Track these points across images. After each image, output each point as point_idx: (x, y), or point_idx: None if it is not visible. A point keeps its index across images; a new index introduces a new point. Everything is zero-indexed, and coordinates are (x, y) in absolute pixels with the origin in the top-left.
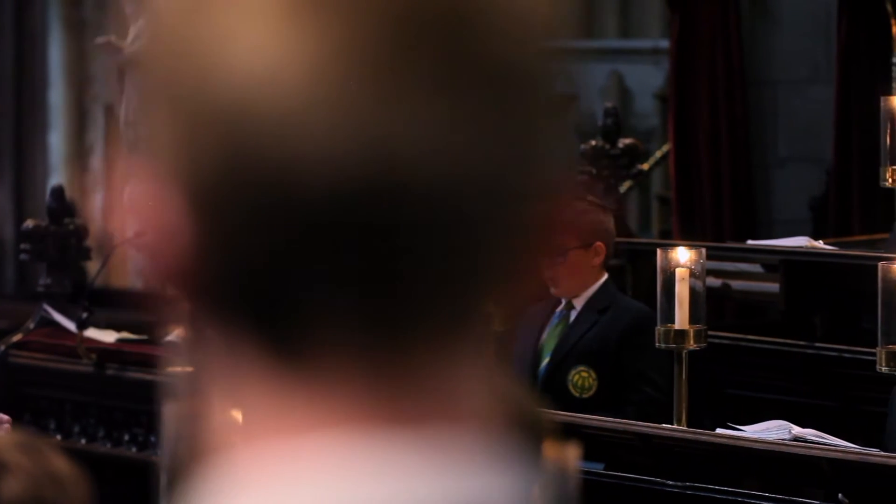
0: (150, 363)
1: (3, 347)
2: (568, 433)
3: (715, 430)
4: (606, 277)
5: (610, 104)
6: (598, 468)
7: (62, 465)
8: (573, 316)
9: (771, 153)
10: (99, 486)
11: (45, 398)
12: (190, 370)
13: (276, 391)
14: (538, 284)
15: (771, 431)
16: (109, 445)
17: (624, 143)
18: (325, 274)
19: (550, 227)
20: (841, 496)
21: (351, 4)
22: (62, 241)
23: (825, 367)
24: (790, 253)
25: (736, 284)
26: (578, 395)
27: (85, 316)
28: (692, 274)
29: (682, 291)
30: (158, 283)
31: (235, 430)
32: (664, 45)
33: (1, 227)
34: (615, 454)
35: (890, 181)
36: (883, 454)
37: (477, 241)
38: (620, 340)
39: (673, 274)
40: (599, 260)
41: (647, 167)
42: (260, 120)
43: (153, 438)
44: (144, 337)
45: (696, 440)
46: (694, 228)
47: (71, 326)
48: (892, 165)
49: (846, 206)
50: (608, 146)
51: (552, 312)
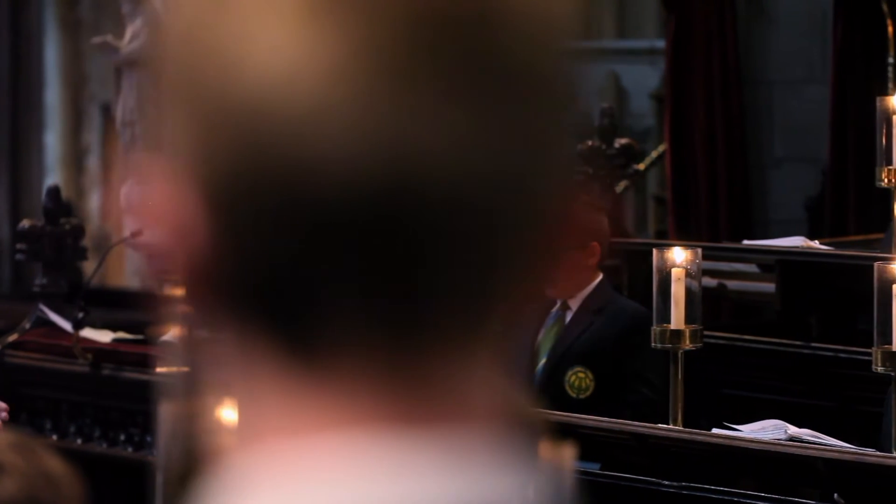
0: (145, 363)
1: None
2: (564, 433)
3: (711, 430)
4: (602, 278)
5: (606, 104)
6: (594, 468)
7: (56, 465)
8: (569, 317)
9: (767, 153)
10: (95, 486)
11: (41, 398)
12: (186, 370)
13: (289, 391)
14: (551, 284)
15: (767, 431)
16: (105, 445)
17: (620, 143)
18: (340, 274)
19: (565, 227)
20: (836, 496)
21: (370, 6)
22: (58, 241)
23: (821, 367)
24: (786, 253)
25: (732, 284)
26: (575, 395)
27: (81, 316)
28: (688, 274)
29: (677, 291)
30: (168, 281)
31: (248, 429)
32: (660, 45)
33: None
34: (611, 454)
35: (886, 181)
36: (878, 454)
37: (493, 241)
38: (616, 341)
39: (669, 274)
40: (595, 260)
41: (643, 167)
42: (277, 120)
43: (149, 438)
44: (140, 337)
45: (692, 440)
46: (690, 228)
47: (67, 326)
48: (887, 165)
49: (842, 206)
50: (604, 146)
51: (547, 313)
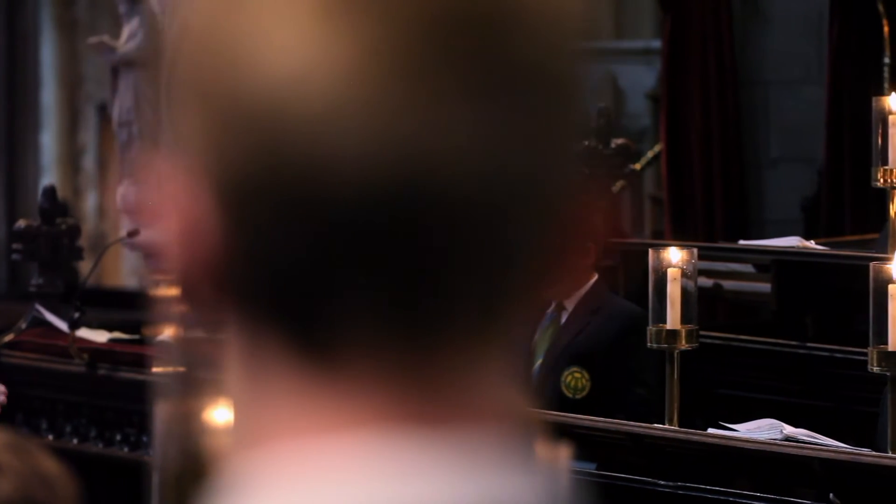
0: (142, 363)
1: None
2: (560, 433)
3: (707, 430)
4: (597, 278)
5: (602, 105)
6: (590, 468)
7: (51, 465)
8: (564, 317)
9: (763, 153)
10: (91, 486)
11: (37, 398)
12: (181, 370)
13: (300, 391)
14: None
15: (763, 430)
16: (101, 445)
17: (616, 143)
18: (353, 273)
19: (578, 227)
20: (832, 496)
21: (383, 6)
22: (54, 241)
23: (817, 367)
24: (782, 253)
25: (727, 284)
26: (572, 395)
27: (77, 316)
28: (684, 274)
29: (673, 291)
30: (164, 281)
31: (257, 429)
32: (656, 45)
33: None
34: (607, 454)
35: (881, 181)
36: (874, 454)
37: (507, 242)
38: (612, 341)
39: (665, 274)
40: (590, 261)
41: (639, 167)
42: (290, 119)
43: (145, 438)
44: (136, 337)
45: (687, 440)
46: (686, 228)
47: (63, 326)
48: (883, 166)
49: (838, 206)
50: (601, 146)
51: (542, 314)
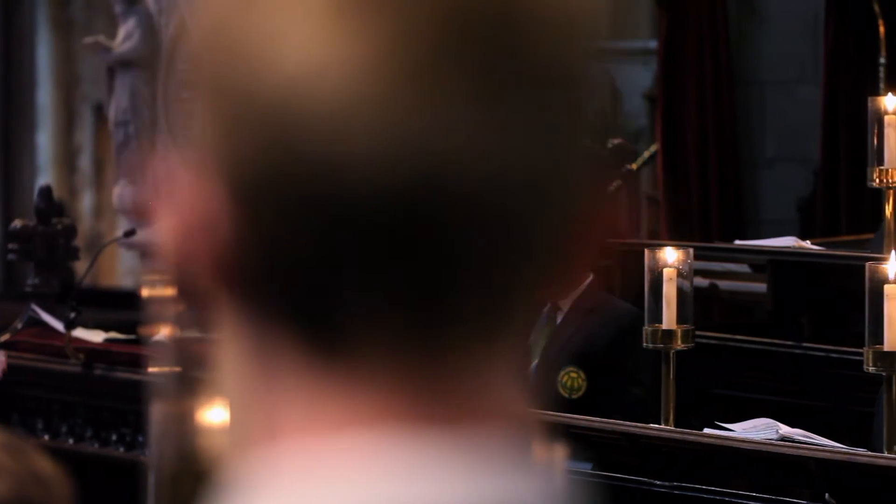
0: (137, 363)
1: None
2: (556, 433)
3: (702, 429)
4: (592, 278)
5: (599, 105)
6: (585, 468)
7: (46, 465)
8: (560, 317)
9: (758, 153)
10: (87, 486)
11: (32, 398)
12: (177, 370)
13: (310, 387)
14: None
15: (758, 430)
16: (97, 445)
17: (613, 143)
18: (364, 271)
19: (592, 227)
20: (828, 496)
21: (397, 5)
22: (50, 241)
23: (812, 367)
24: (777, 253)
25: (723, 284)
26: (568, 395)
27: (73, 316)
28: (680, 274)
29: (669, 291)
30: (161, 281)
31: (266, 426)
32: (653, 45)
33: None
34: (603, 454)
35: (877, 181)
36: (870, 454)
37: (519, 241)
38: (608, 341)
39: (661, 274)
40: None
41: (635, 167)
42: (304, 117)
43: (141, 438)
44: (132, 337)
45: (683, 440)
46: (682, 228)
47: (59, 326)
48: (879, 166)
49: (833, 206)
50: (597, 146)
51: (538, 314)
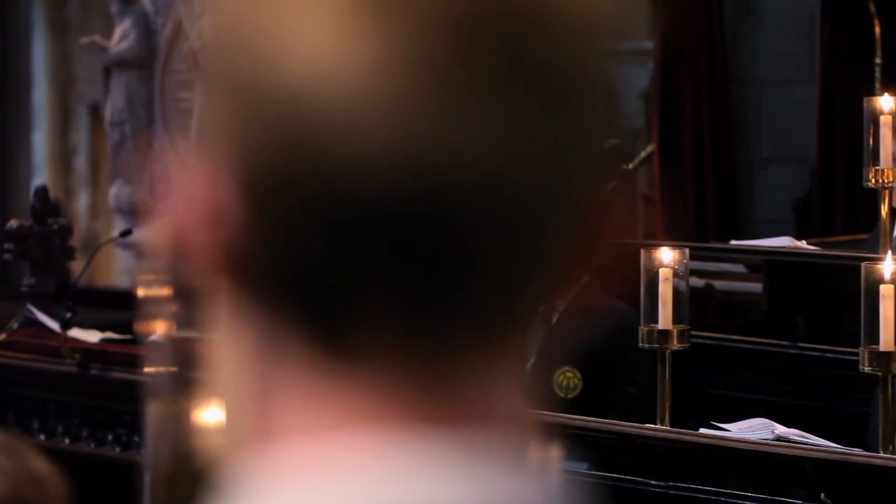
0: (134, 363)
1: None
2: (552, 433)
3: (698, 429)
4: (588, 278)
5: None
6: (581, 468)
7: (42, 465)
8: (555, 317)
9: (754, 153)
10: (82, 486)
11: (28, 398)
12: (173, 370)
13: (311, 386)
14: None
15: (754, 430)
16: (93, 445)
17: (610, 143)
18: (372, 271)
19: (602, 229)
20: (823, 496)
21: (410, 5)
22: (46, 241)
23: (808, 367)
24: (773, 253)
25: (719, 284)
26: (564, 395)
27: (69, 316)
28: (675, 274)
29: (665, 291)
30: (157, 281)
31: (269, 424)
32: (649, 45)
33: None
34: (598, 454)
35: (873, 182)
36: (866, 454)
37: (529, 243)
38: (604, 341)
39: (656, 274)
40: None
41: (632, 167)
42: (315, 115)
43: (137, 438)
44: (128, 337)
45: (679, 440)
46: (677, 228)
47: (55, 326)
48: (874, 166)
49: (829, 206)
50: (600, 147)
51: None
